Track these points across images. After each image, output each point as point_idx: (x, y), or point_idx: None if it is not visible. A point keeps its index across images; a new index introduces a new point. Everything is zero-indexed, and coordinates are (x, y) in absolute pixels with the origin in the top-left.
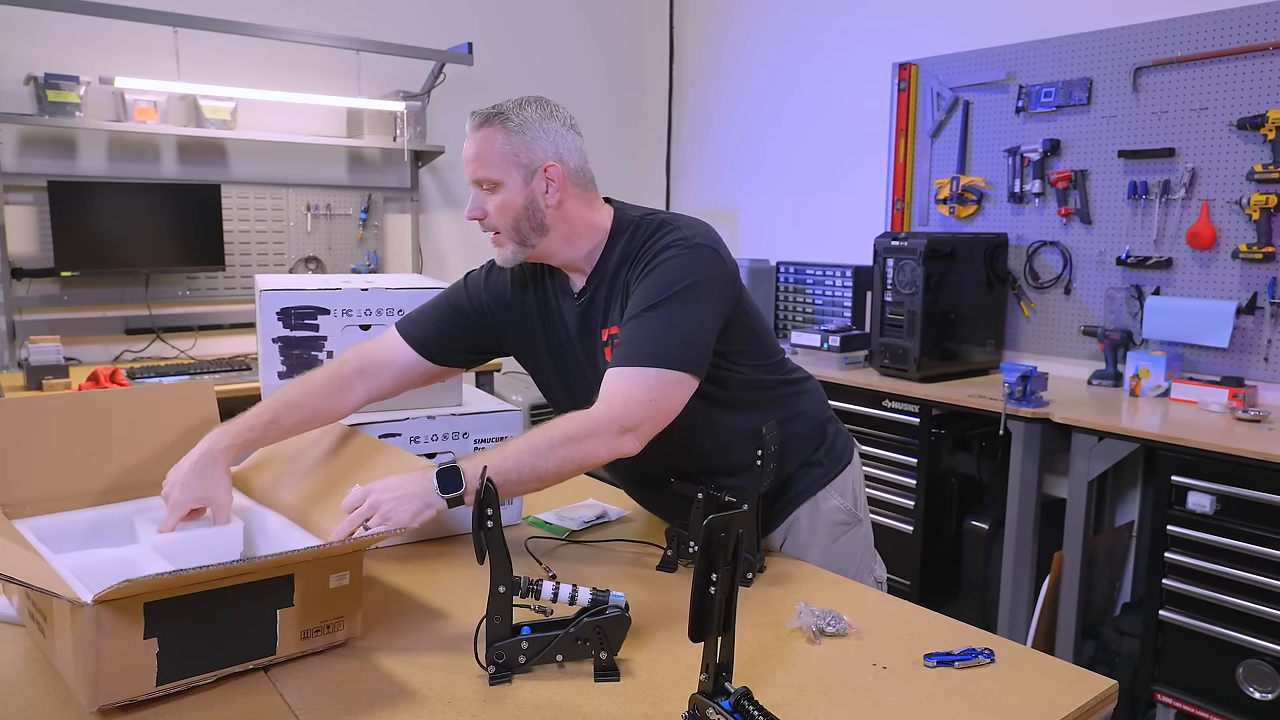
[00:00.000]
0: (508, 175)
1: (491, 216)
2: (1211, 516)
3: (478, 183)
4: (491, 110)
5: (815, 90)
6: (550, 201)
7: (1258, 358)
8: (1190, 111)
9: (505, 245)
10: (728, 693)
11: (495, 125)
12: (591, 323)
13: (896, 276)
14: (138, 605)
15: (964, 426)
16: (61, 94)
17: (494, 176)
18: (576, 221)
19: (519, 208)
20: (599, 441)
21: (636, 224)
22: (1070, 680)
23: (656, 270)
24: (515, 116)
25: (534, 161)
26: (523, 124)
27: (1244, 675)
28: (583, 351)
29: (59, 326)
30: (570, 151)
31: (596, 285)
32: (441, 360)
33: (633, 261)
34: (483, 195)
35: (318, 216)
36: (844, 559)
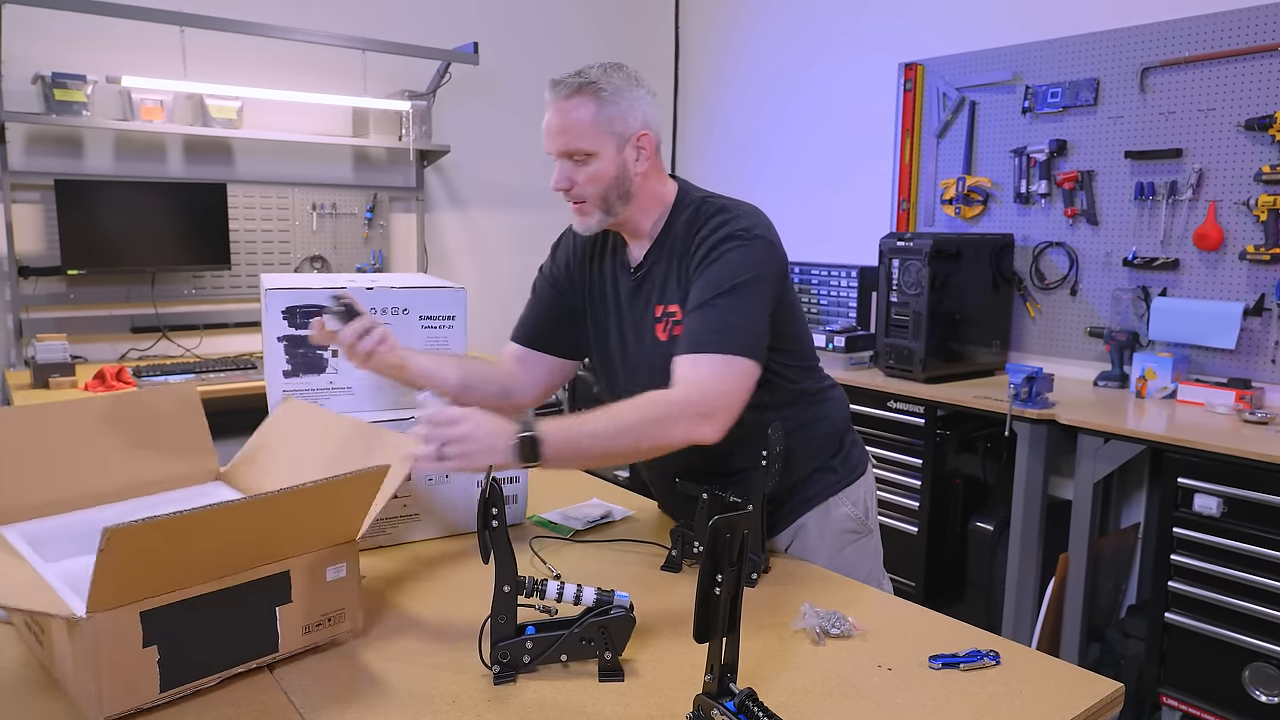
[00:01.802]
0: (602, 145)
1: (580, 186)
2: (1218, 519)
3: (568, 154)
4: (579, 78)
5: (821, 90)
6: (639, 170)
7: (1265, 359)
8: (1198, 112)
9: (591, 214)
10: (732, 693)
11: (587, 94)
12: (645, 296)
13: (902, 277)
14: (134, 614)
15: (969, 427)
16: (68, 93)
17: (588, 147)
18: (653, 190)
19: (610, 178)
20: (678, 426)
21: (699, 204)
22: (1076, 683)
23: (721, 260)
24: (606, 84)
25: (628, 130)
26: (615, 92)
27: (1250, 678)
28: (631, 324)
29: (65, 325)
30: (654, 116)
31: (655, 260)
32: (557, 350)
33: (694, 244)
34: (570, 166)
35: (323, 215)
36: (852, 568)
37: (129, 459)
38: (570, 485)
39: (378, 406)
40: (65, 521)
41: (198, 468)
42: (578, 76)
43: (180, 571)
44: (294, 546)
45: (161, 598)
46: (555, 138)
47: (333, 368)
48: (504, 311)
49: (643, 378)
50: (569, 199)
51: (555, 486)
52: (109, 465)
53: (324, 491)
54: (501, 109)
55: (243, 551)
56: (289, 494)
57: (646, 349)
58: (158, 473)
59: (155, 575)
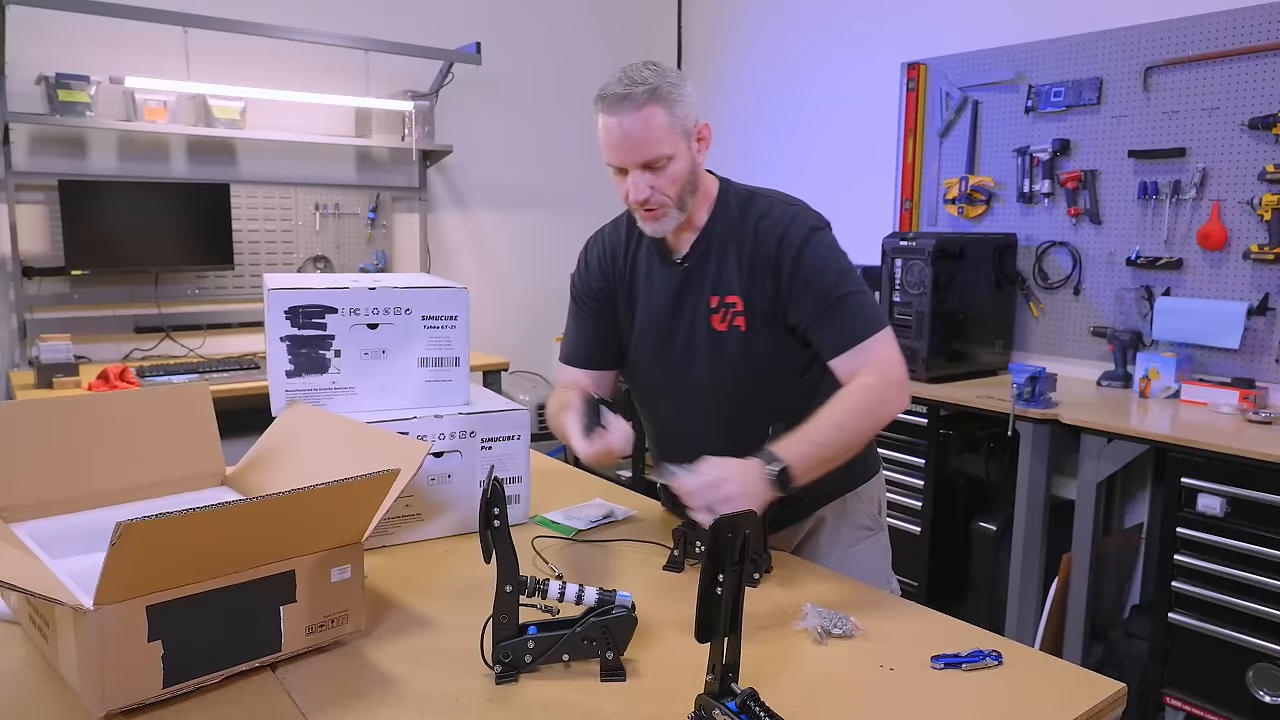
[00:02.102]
0: (677, 147)
1: (659, 192)
2: (1222, 519)
3: (647, 164)
4: (644, 86)
5: (824, 90)
6: (701, 160)
7: (1269, 359)
8: (1201, 111)
9: (669, 216)
10: (734, 693)
11: (657, 101)
12: (696, 286)
13: (905, 277)
14: (140, 608)
15: (972, 427)
16: (72, 94)
17: (667, 152)
18: (704, 180)
19: (686, 175)
20: (893, 403)
21: (748, 199)
22: (1078, 683)
23: (820, 255)
24: (666, 86)
25: (691, 125)
26: (674, 91)
27: (1254, 679)
28: (681, 315)
29: (69, 325)
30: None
31: (703, 251)
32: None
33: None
34: (649, 175)
35: (326, 216)
36: (863, 564)
37: (137, 460)
38: (572, 485)
39: (380, 407)
40: (72, 521)
41: (204, 471)
42: (639, 85)
43: (188, 567)
44: (301, 546)
45: (167, 592)
46: (635, 150)
47: (335, 368)
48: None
49: (697, 367)
50: (646, 206)
51: (558, 486)
52: (116, 465)
53: (334, 493)
54: (504, 109)
55: (251, 550)
56: (299, 495)
57: (701, 339)
58: (164, 475)
59: (164, 570)
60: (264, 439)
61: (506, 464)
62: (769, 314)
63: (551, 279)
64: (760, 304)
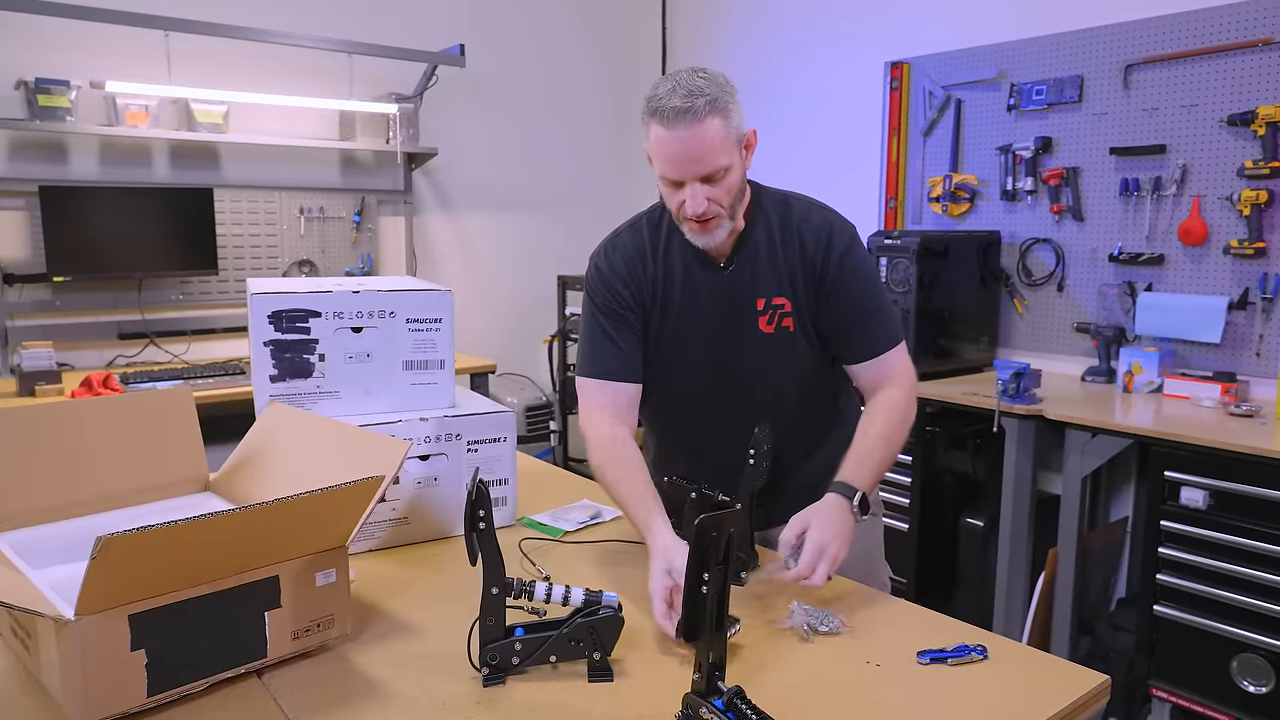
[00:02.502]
0: (733, 156)
1: (716, 203)
2: (1205, 512)
3: (707, 177)
4: (704, 98)
5: (807, 89)
6: (748, 166)
7: (1249, 353)
8: (1181, 108)
9: (722, 225)
10: (721, 692)
11: (715, 113)
12: (741, 290)
13: (890, 275)
14: (123, 617)
15: (959, 424)
16: (52, 98)
17: (726, 163)
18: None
19: (739, 184)
20: (914, 410)
21: (783, 202)
22: (1063, 676)
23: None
24: (724, 97)
25: (743, 133)
26: (727, 101)
27: (1238, 669)
28: (726, 319)
29: (51, 332)
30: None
31: (747, 254)
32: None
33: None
34: (706, 187)
35: (311, 220)
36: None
37: (119, 466)
38: (559, 487)
39: (365, 411)
40: (53, 531)
41: (188, 476)
42: (699, 96)
43: (171, 577)
44: (285, 553)
45: (150, 601)
46: (697, 163)
47: (319, 372)
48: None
49: (745, 369)
50: (702, 218)
51: (544, 488)
52: (98, 472)
53: (316, 501)
54: (489, 111)
55: (234, 558)
56: (282, 504)
57: (748, 342)
58: (147, 481)
59: (146, 580)
60: (246, 441)
61: (493, 466)
62: (812, 315)
63: (538, 281)
64: (806, 305)
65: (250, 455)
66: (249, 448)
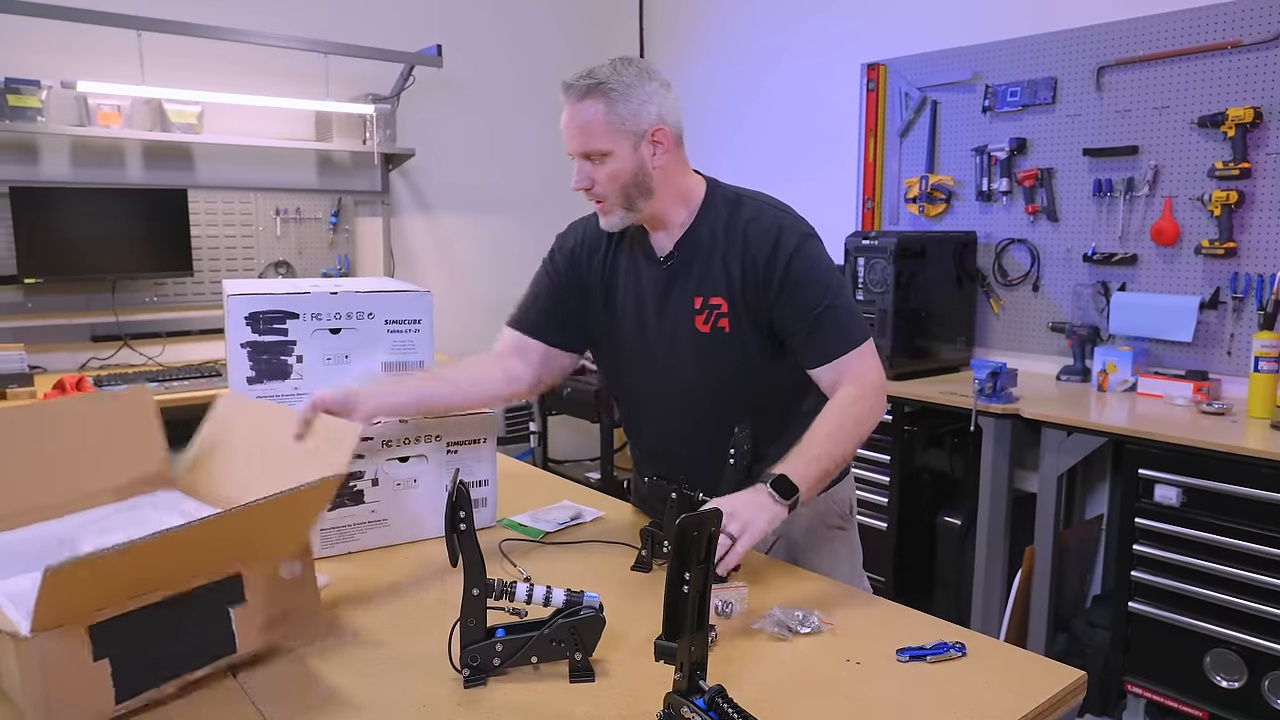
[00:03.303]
0: (616, 144)
1: (600, 185)
2: (1178, 509)
3: (585, 155)
4: (589, 80)
5: (784, 91)
6: (658, 164)
7: (1221, 351)
8: (1152, 110)
9: (613, 212)
10: (702, 691)
11: (597, 96)
12: (680, 287)
13: (867, 275)
14: (81, 630)
15: (936, 423)
16: (22, 99)
17: (602, 147)
18: (677, 184)
19: (629, 175)
20: (876, 410)
21: (735, 201)
22: (1040, 672)
23: (810, 263)
24: (616, 83)
25: (641, 127)
26: (625, 90)
27: (1211, 664)
28: (663, 315)
29: (23, 335)
30: (670, 110)
31: (688, 251)
32: (558, 340)
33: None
34: (589, 166)
35: (287, 221)
36: (835, 562)
37: (82, 468)
38: (540, 488)
39: None
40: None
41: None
42: (588, 78)
43: (129, 588)
44: (246, 555)
45: (109, 609)
46: (572, 139)
47: (297, 373)
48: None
49: (680, 368)
50: (590, 198)
51: (525, 489)
52: (61, 476)
53: (278, 505)
54: (466, 112)
55: (194, 564)
56: (240, 513)
57: (684, 340)
58: (111, 481)
59: (102, 596)
60: (203, 434)
61: (473, 467)
62: (755, 317)
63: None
64: (746, 307)
65: (210, 448)
66: (209, 440)
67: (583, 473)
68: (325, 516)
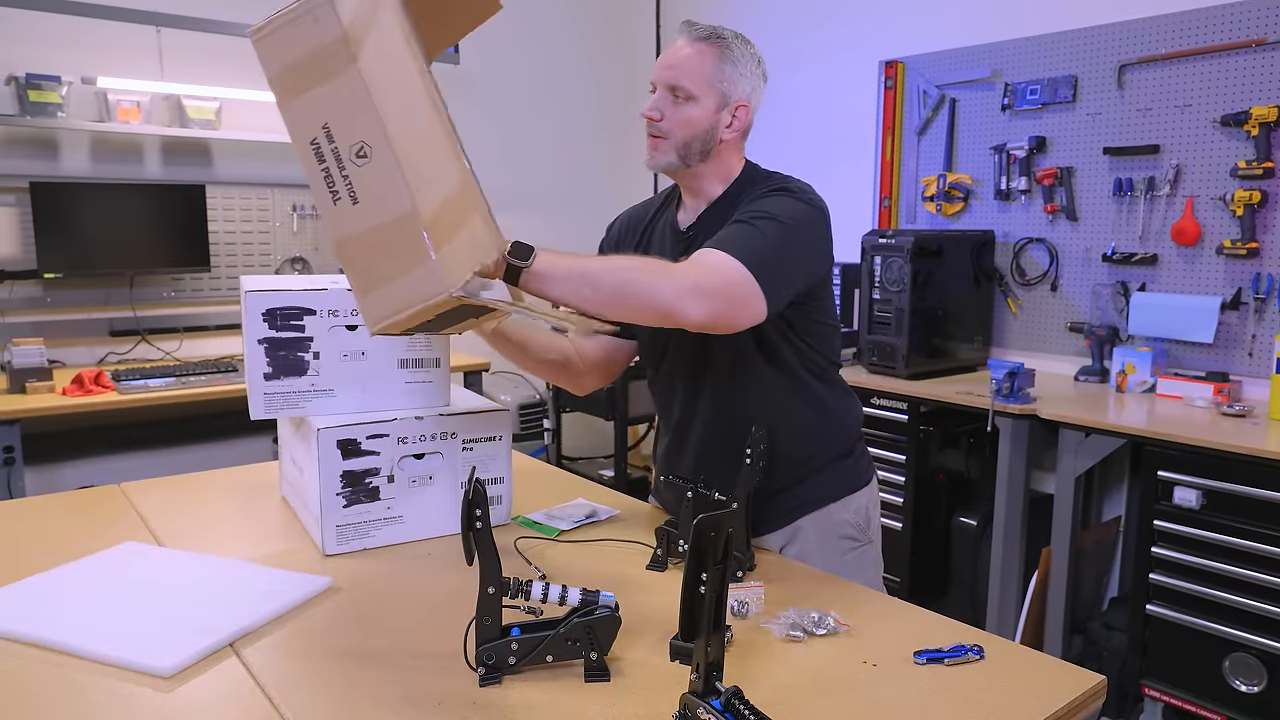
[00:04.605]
0: (706, 94)
1: (668, 121)
2: (1198, 511)
3: (672, 88)
4: (715, 31)
5: (802, 89)
6: (726, 135)
7: (1242, 353)
8: (1174, 108)
9: (666, 153)
10: (718, 692)
11: (715, 45)
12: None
13: (884, 274)
14: None
15: (952, 423)
16: (43, 94)
17: (693, 90)
18: (727, 161)
19: (700, 128)
20: (669, 285)
21: (764, 177)
22: (1059, 676)
23: (767, 199)
24: (735, 45)
25: (732, 94)
26: (738, 56)
27: (1230, 668)
28: None
29: (42, 329)
30: (757, 98)
31: (709, 224)
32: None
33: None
34: (668, 100)
35: (304, 217)
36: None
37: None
38: (555, 486)
39: (359, 409)
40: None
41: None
42: (716, 30)
43: None
44: None
45: None
46: (667, 69)
47: (314, 370)
48: None
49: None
50: (652, 130)
51: (540, 487)
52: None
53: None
54: (482, 111)
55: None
56: None
57: None
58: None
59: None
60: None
61: (488, 465)
62: None
63: None
64: None
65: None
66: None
67: (597, 470)
68: (341, 512)
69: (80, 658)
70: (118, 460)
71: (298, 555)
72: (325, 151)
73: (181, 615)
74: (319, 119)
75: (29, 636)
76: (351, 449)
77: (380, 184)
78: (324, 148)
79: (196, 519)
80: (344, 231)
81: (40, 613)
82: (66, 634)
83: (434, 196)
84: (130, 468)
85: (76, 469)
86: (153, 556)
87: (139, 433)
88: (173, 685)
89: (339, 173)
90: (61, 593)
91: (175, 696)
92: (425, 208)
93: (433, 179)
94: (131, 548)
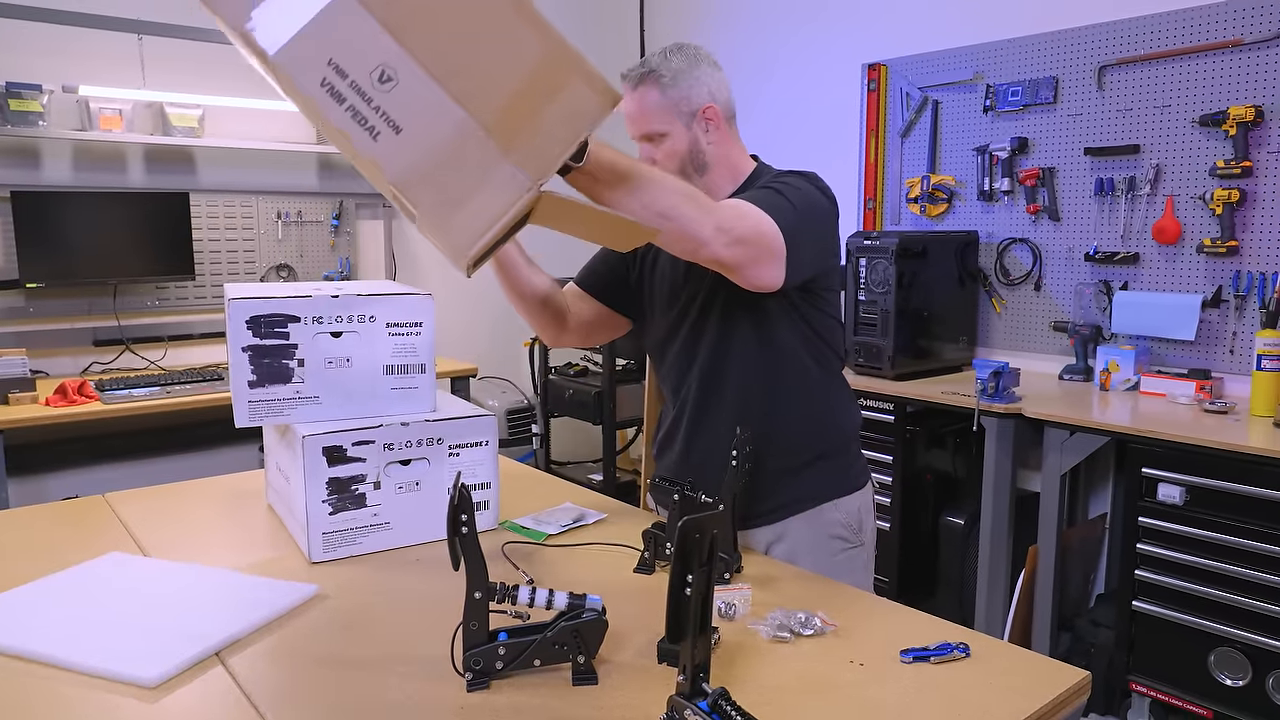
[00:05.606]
0: (671, 125)
1: (659, 164)
2: (1181, 507)
3: (644, 137)
4: (642, 69)
5: (785, 91)
6: (711, 140)
7: (1223, 350)
8: (1154, 109)
9: None
10: (705, 693)
11: (650, 82)
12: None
13: (869, 275)
14: None
15: (939, 423)
16: (24, 103)
17: (659, 129)
18: (729, 161)
19: (684, 152)
20: (704, 218)
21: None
22: (1044, 672)
23: (788, 177)
24: (666, 69)
25: (693, 107)
26: (675, 75)
27: (1216, 663)
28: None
29: (25, 339)
30: (719, 88)
31: None
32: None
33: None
34: (650, 147)
35: (288, 224)
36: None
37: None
38: (542, 490)
39: (344, 415)
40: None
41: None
42: (641, 67)
43: None
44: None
45: None
46: (631, 125)
47: (299, 377)
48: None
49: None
50: None
51: (527, 491)
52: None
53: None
54: None
55: None
56: None
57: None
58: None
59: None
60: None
61: (475, 470)
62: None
63: None
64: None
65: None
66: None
67: (585, 474)
68: (327, 520)
69: (65, 669)
70: (102, 470)
71: (284, 563)
72: (342, 89)
73: (166, 625)
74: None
75: (13, 649)
76: (337, 456)
77: (418, 102)
78: (338, 85)
79: (182, 528)
80: (398, 167)
81: (24, 624)
82: (51, 645)
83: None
84: (115, 478)
85: (61, 480)
86: (138, 566)
87: (123, 442)
88: (158, 695)
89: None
90: (46, 604)
91: (161, 707)
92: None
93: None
94: (116, 558)
